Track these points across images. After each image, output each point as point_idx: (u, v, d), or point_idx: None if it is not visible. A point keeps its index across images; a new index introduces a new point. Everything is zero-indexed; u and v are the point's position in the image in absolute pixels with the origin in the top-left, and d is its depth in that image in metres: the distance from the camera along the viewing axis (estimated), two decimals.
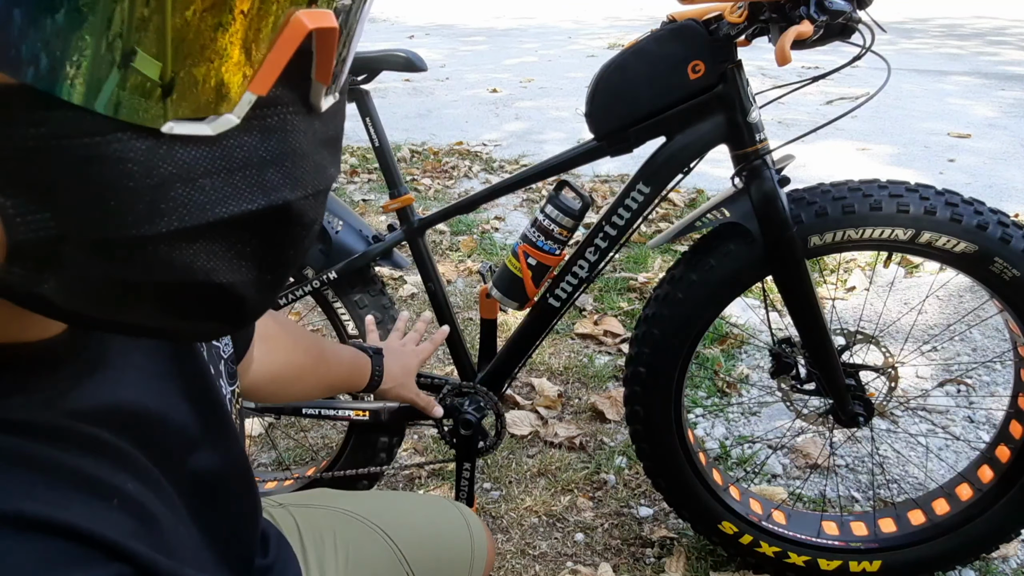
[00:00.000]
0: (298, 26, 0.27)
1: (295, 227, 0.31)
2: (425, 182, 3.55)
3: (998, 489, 1.23)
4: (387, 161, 1.36)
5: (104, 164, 0.25)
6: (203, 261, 0.29)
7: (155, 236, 0.27)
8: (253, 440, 1.82)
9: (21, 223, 0.25)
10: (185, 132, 0.26)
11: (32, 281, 0.27)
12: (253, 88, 0.27)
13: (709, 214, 1.14)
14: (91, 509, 0.34)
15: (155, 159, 0.26)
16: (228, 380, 0.56)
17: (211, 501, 0.46)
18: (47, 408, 0.35)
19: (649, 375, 1.22)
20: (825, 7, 0.93)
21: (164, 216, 0.27)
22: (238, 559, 0.51)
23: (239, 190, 0.28)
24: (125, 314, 0.30)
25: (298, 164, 0.30)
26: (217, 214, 0.28)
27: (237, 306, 0.32)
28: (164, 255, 0.28)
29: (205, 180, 0.27)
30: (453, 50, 7.56)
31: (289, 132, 0.30)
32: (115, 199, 0.26)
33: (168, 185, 0.26)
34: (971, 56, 6.44)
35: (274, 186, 0.29)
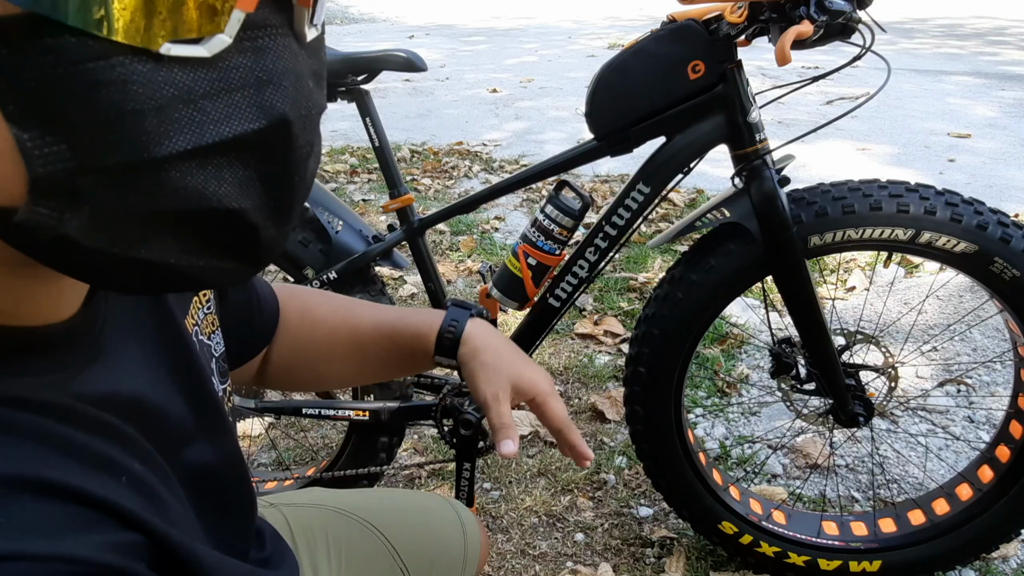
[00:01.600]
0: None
1: (295, 148, 0.32)
2: (425, 182, 3.55)
3: (998, 489, 1.23)
4: (387, 161, 1.36)
5: (110, 88, 0.26)
6: (214, 186, 0.30)
7: (164, 158, 0.28)
8: (253, 440, 1.82)
9: (39, 156, 0.26)
10: (182, 53, 0.27)
11: (56, 220, 0.28)
12: (240, 5, 0.28)
13: (709, 214, 1.14)
14: (104, 482, 0.34)
15: (157, 81, 0.27)
16: (220, 378, 0.56)
17: (206, 493, 0.47)
18: (56, 390, 0.36)
19: (649, 375, 1.22)
20: (825, 7, 0.93)
21: (170, 137, 0.28)
22: (232, 551, 0.51)
23: (240, 109, 0.29)
24: (146, 249, 0.30)
25: (293, 84, 0.31)
26: (221, 134, 0.29)
27: (252, 237, 0.33)
28: (176, 179, 0.29)
29: (206, 101, 0.28)
30: (453, 50, 7.56)
31: (281, 52, 0.31)
32: (123, 122, 0.27)
33: (171, 107, 0.28)
34: (971, 56, 6.44)
35: (272, 104, 0.30)
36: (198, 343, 0.53)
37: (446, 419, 1.32)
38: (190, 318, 0.52)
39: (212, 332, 0.56)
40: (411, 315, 0.73)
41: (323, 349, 0.73)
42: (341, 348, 0.73)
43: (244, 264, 0.34)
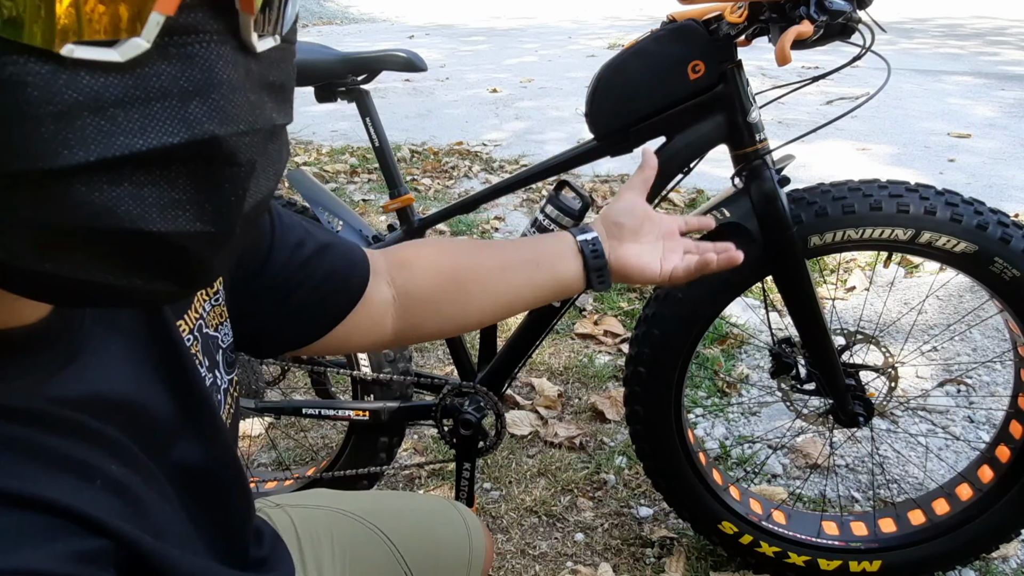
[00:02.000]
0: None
1: (229, 167, 0.29)
2: (425, 182, 3.55)
3: (998, 489, 1.23)
4: (387, 161, 1.36)
5: (3, 88, 0.24)
6: (129, 205, 0.27)
7: (64, 169, 0.25)
8: (253, 440, 1.82)
9: None
10: (89, 56, 0.25)
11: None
12: (159, 8, 0.26)
13: (709, 214, 1.14)
14: (72, 488, 0.34)
15: (57, 84, 0.25)
16: (226, 369, 0.55)
17: (197, 491, 0.46)
18: (28, 394, 0.35)
19: (649, 375, 1.22)
20: (825, 7, 0.93)
21: (71, 147, 0.25)
22: (230, 550, 0.51)
23: (158, 121, 0.27)
24: (52, 264, 0.28)
25: (227, 98, 0.28)
26: (133, 146, 0.26)
27: (180, 260, 0.30)
28: (80, 194, 0.26)
29: (117, 110, 0.26)
30: (453, 50, 7.56)
31: (214, 62, 0.28)
32: (17, 127, 0.25)
33: (74, 113, 0.25)
34: (971, 56, 6.44)
35: (197, 119, 0.28)
36: (202, 336, 0.52)
37: (446, 419, 1.32)
38: (193, 312, 0.51)
39: (219, 324, 0.56)
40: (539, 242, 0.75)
41: (472, 269, 0.72)
42: (492, 266, 0.72)
43: (175, 285, 0.32)
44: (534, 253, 0.73)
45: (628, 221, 0.75)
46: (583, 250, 0.73)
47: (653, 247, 0.75)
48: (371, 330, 0.69)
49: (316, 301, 0.64)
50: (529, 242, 0.75)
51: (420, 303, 0.71)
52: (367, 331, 0.69)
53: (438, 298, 0.71)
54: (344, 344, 0.68)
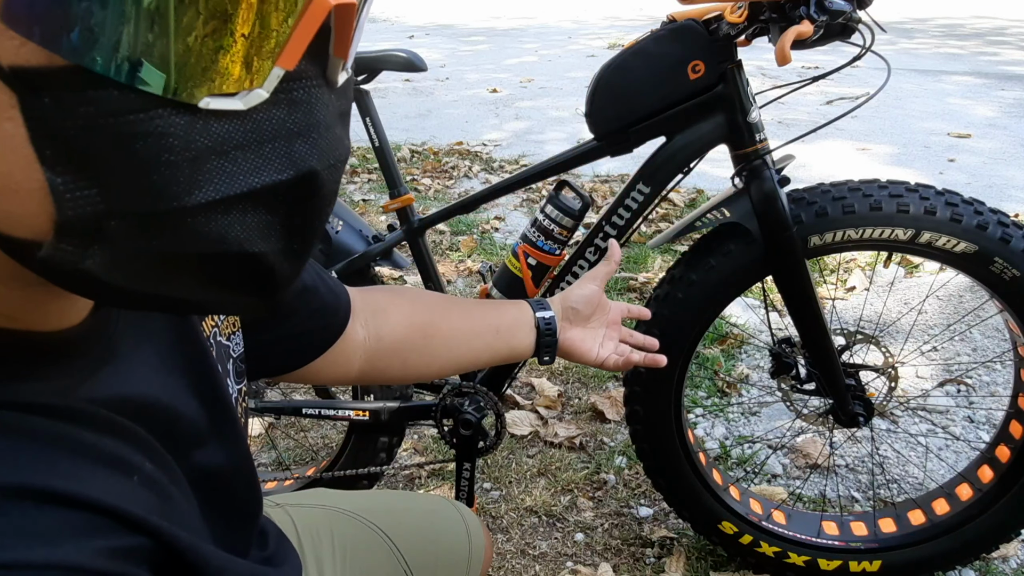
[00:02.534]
0: (322, 3, 0.29)
1: (320, 196, 0.33)
2: (425, 182, 3.55)
3: (998, 489, 1.23)
4: (387, 161, 1.36)
5: (148, 139, 0.27)
6: (237, 231, 0.30)
7: (193, 207, 0.28)
8: (253, 440, 1.82)
9: (70, 199, 0.27)
10: (219, 107, 0.28)
11: (78, 257, 0.28)
12: (281, 63, 0.29)
13: (709, 214, 1.14)
14: (113, 485, 0.35)
15: (193, 133, 0.28)
16: (236, 379, 0.56)
17: (214, 495, 0.47)
18: (67, 394, 0.36)
19: (649, 375, 1.22)
20: (825, 7, 0.93)
21: (201, 187, 0.28)
22: (235, 551, 0.51)
23: (269, 161, 0.30)
24: (165, 287, 0.31)
25: (322, 135, 0.32)
26: (250, 184, 0.30)
27: (268, 276, 0.33)
28: (201, 226, 0.29)
29: (238, 152, 0.29)
30: (453, 50, 7.56)
31: (313, 105, 0.31)
32: (157, 173, 0.27)
33: (204, 158, 0.28)
34: (971, 56, 6.44)
35: (301, 156, 0.31)
36: (216, 344, 0.53)
37: (446, 419, 1.32)
38: (209, 319, 0.52)
39: (232, 333, 0.56)
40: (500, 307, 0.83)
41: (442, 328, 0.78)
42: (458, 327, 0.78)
43: (259, 299, 0.35)
44: (497, 321, 0.80)
45: (584, 309, 0.83)
46: (539, 326, 0.81)
47: (595, 334, 0.85)
48: (341, 367, 0.72)
49: (304, 331, 0.66)
50: (494, 309, 0.82)
51: (388, 350, 0.75)
52: (337, 368, 0.72)
53: (406, 349, 0.76)
54: (313, 377, 0.72)
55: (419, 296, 0.81)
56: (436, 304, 0.80)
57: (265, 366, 0.66)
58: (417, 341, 0.76)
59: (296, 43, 0.29)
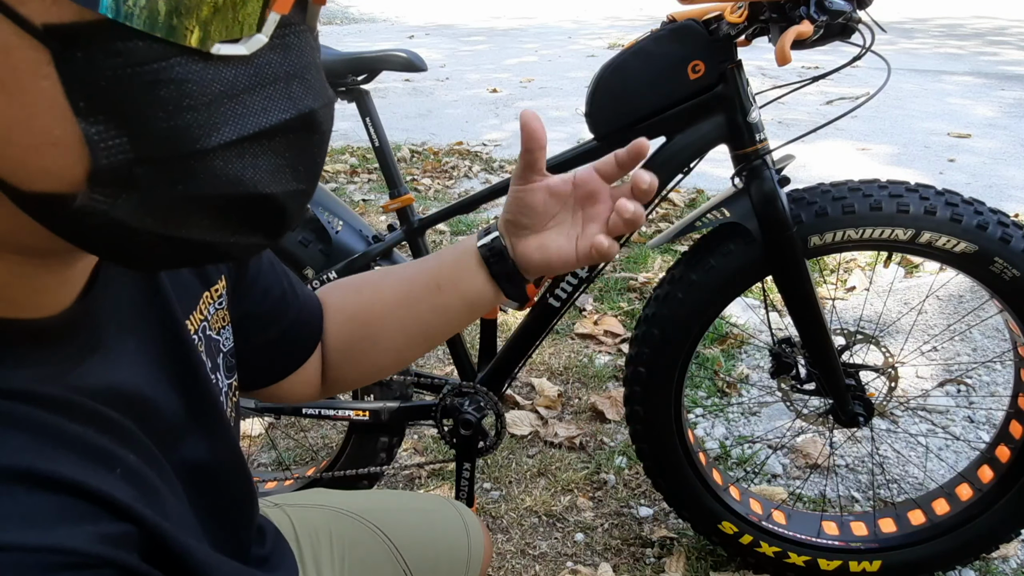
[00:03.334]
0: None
1: (318, 134, 0.35)
2: (425, 182, 3.55)
3: (998, 489, 1.23)
4: (387, 161, 1.36)
5: (170, 86, 0.29)
6: (251, 173, 0.32)
7: (212, 149, 0.30)
8: (253, 440, 1.82)
9: (104, 148, 0.29)
10: (228, 52, 0.30)
11: (109, 206, 0.30)
12: (277, 8, 0.31)
13: (709, 214, 1.14)
14: (97, 474, 0.35)
15: (208, 79, 0.30)
16: (226, 373, 0.56)
17: (203, 489, 0.47)
18: (52, 382, 0.36)
19: (649, 375, 1.22)
20: (825, 7, 0.93)
21: (218, 129, 0.30)
22: (232, 547, 0.51)
23: (273, 102, 0.32)
24: (187, 230, 0.33)
25: (314, 76, 0.34)
26: (259, 124, 0.32)
27: (279, 215, 0.35)
28: (219, 168, 0.31)
29: (245, 95, 0.31)
30: (453, 50, 7.56)
31: (303, 48, 0.33)
32: (179, 117, 0.29)
33: (219, 102, 0.30)
34: (971, 56, 6.44)
35: (299, 97, 0.33)
36: (205, 338, 0.53)
37: (446, 419, 1.32)
38: (198, 313, 0.52)
39: (222, 327, 0.56)
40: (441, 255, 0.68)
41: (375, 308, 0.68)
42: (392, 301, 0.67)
43: (267, 238, 0.36)
44: (435, 275, 0.66)
45: (523, 217, 0.62)
46: (483, 255, 0.64)
47: (560, 231, 0.63)
48: (308, 381, 0.69)
49: (285, 341, 0.64)
50: (432, 262, 0.67)
51: (334, 352, 0.69)
52: (306, 382, 0.69)
53: (348, 345, 0.69)
54: (285, 394, 0.68)
55: (350, 284, 0.72)
56: (368, 285, 0.70)
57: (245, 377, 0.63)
58: (355, 331, 0.68)
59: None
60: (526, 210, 0.62)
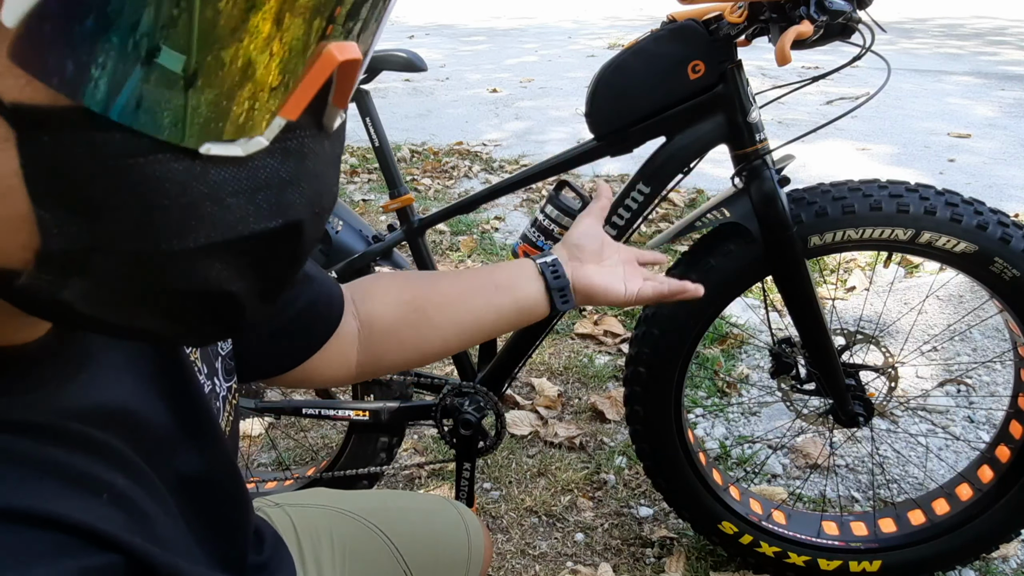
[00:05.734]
0: (329, 59, 0.29)
1: (303, 243, 0.33)
2: (425, 182, 3.55)
3: (998, 489, 1.23)
4: (387, 161, 1.36)
5: (144, 183, 0.26)
6: (217, 271, 0.30)
7: (181, 251, 0.28)
8: (253, 440, 1.82)
9: (57, 234, 0.27)
10: (220, 153, 0.28)
11: (56, 288, 0.28)
12: (284, 113, 0.29)
13: (709, 214, 1.14)
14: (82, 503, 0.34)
15: (190, 179, 0.27)
16: (225, 377, 0.55)
17: (196, 501, 0.46)
18: (34, 408, 0.35)
19: (649, 375, 1.22)
20: (825, 7, 0.93)
21: (192, 233, 0.28)
22: (229, 558, 0.51)
23: (260, 209, 0.30)
24: (136, 319, 0.31)
25: (312, 184, 0.32)
26: (238, 232, 0.29)
27: (239, 313, 0.33)
28: (183, 266, 0.29)
29: (231, 199, 0.29)
30: (453, 50, 7.56)
31: (306, 155, 0.31)
32: (149, 216, 0.27)
33: (199, 204, 0.28)
34: (971, 56, 6.44)
35: (291, 205, 0.31)
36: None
37: (446, 419, 1.32)
38: None
39: None
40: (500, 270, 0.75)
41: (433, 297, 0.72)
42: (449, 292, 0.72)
43: (224, 331, 0.35)
44: (493, 278, 0.73)
45: (588, 243, 0.75)
46: (543, 272, 0.72)
47: (614, 269, 0.75)
48: (338, 364, 0.69)
49: (296, 329, 0.64)
50: (488, 268, 0.75)
51: (382, 334, 0.71)
52: (335, 365, 0.69)
53: (400, 328, 0.71)
54: (311, 378, 0.69)
55: (404, 274, 0.77)
56: (423, 277, 0.75)
57: (261, 366, 0.64)
58: (410, 316, 0.71)
59: (301, 96, 0.29)
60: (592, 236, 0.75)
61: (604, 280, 0.73)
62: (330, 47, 0.29)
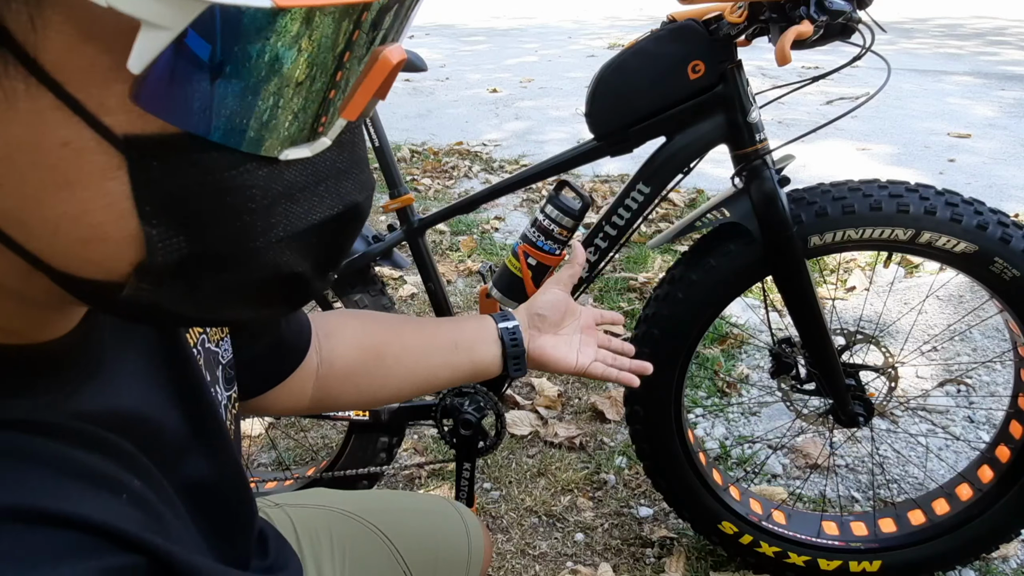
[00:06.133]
0: (385, 63, 0.31)
1: (357, 223, 0.36)
2: (425, 182, 3.55)
3: (998, 489, 1.23)
4: (387, 161, 1.36)
5: (236, 192, 0.29)
6: (288, 257, 0.33)
7: (264, 246, 0.31)
8: (253, 440, 1.82)
9: (161, 247, 0.29)
10: (294, 156, 0.31)
11: (154, 295, 0.31)
12: (346, 115, 0.32)
13: (709, 214, 1.14)
14: (103, 503, 0.34)
15: (271, 182, 0.30)
16: (225, 385, 0.56)
17: (205, 506, 0.46)
18: (53, 409, 0.35)
19: (649, 375, 1.22)
20: (825, 7, 0.93)
21: (273, 229, 0.31)
22: (235, 563, 0.51)
23: (324, 199, 0.33)
24: (223, 311, 0.34)
25: (363, 170, 0.35)
26: (310, 221, 0.32)
27: (303, 291, 0.36)
28: (265, 259, 0.32)
29: (301, 194, 0.32)
30: (453, 50, 7.56)
31: (357, 144, 0.35)
32: (240, 220, 0.30)
33: (277, 203, 0.31)
34: (971, 56, 6.44)
35: (348, 192, 0.34)
36: (204, 351, 0.52)
37: (446, 419, 1.32)
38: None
39: (220, 339, 0.56)
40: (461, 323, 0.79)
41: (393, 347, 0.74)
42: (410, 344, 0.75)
43: (288, 308, 0.37)
44: (454, 336, 0.76)
45: (550, 314, 0.79)
46: (503, 337, 0.76)
47: (570, 340, 0.80)
48: (297, 395, 0.70)
49: (271, 356, 0.65)
50: (451, 324, 0.78)
51: (341, 374, 0.72)
52: (294, 395, 0.70)
53: (358, 372, 0.73)
54: (269, 406, 0.69)
55: (370, 316, 0.78)
56: (387, 323, 0.77)
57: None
58: (369, 363, 0.73)
59: (361, 97, 0.32)
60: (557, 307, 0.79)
61: (557, 352, 0.78)
62: (385, 53, 0.31)
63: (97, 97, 0.26)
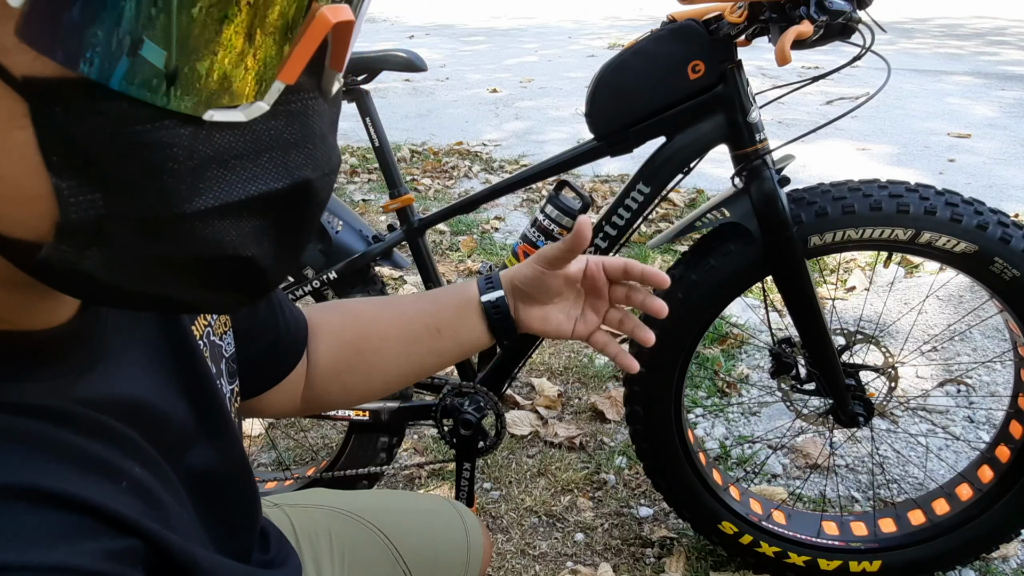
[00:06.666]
0: (323, 21, 0.30)
1: (312, 204, 0.34)
2: (425, 182, 3.55)
3: (998, 489, 1.23)
4: (387, 161, 1.36)
5: (153, 149, 0.28)
6: (232, 236, 0.31)
7: (192, 213, 0.29)
8: (253, 440, 1.82)
9: (74, 203, 0.28)
10: (222, 119, 0.29)
11: (77, 257, 0.29)
12: (282, 77, 0.30)
13: (709, 214, 1.14)
14: (102, 488, 0.34)
15: (196, 143, 0.29)
16: (228, 379, 0.56)
17: (209, 496, 0.47)
18: (56, 395, 0.36)
19: (649, 375, 1.22)
20: (825, 7, 0.93)
21: (201, 195, 0.29)
22: (236, 554, 0.51)
23: (266, 170, 0.31)
24: (157, 287, 0.32)
25: (317, 146, 0.33)
26: (247, 192, 0.31)
27: (258, 278, 0.34)
28: (199, 231, 0.30)
29: (237, 162, 0.30)
30: (453, 50, 7.56)
31: (309, 116, 0.32)
32: (160, 180, 0.28)
33: (205, 167, 0.29)
34: (971, 56, 6.44)
35: (297, 166, 0.32)
36: (210, 344, 0.52)
37: (446, 419, 1.32)
38: (202, 319, 0.52)
39: (224, 332, 0.56)
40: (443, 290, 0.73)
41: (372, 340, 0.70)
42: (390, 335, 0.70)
43: (246, 296, 0.36)
44: (436, 319, 0.70)
45: (533, 292, 0.69)
46: (487, 311, 0.69)
47: (562, 308, 0.70)
48: (291, 396, 0.69)
49: (270, 355, 0.64)
50: (433, 304, 0.71)
51: (324, 374, 0.70)
52: (288, 396, 0.69)
53: (341, 371, 0.71)
54: (264, 408, 0.68)
55: (348, 309, 0.74)
56: (366, 314, 0.73)
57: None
58: (350, 359, 0.71)
59: (297, 59, 0.30)
60: (543, 288, 0.68)
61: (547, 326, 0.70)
62: (323, 10, 0.30)
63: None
